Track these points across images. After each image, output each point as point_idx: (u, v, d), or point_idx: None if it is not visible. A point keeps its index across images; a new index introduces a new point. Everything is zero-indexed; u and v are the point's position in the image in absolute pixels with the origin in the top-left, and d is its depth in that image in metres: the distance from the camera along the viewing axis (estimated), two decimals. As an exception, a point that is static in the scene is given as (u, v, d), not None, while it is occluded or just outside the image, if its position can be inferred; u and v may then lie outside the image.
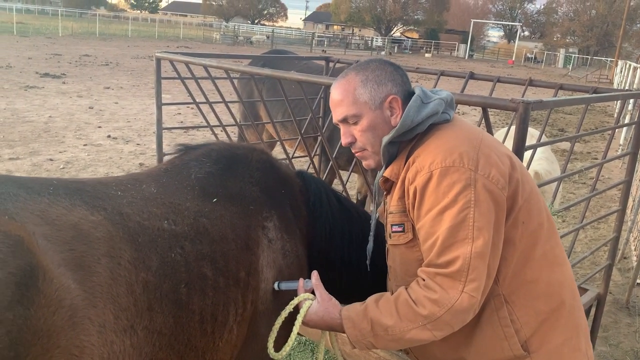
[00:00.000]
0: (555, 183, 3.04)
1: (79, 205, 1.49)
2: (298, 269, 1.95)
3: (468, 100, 2.16)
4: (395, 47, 59.21)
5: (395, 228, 1.74)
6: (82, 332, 1.32)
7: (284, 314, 1.83)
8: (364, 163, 1.84)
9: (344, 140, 1.80)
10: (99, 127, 9.86)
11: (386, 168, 1.77)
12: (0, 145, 7.95)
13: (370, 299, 1.71)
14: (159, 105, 3.61)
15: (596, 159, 10.63)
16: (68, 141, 8.63)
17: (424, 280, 1.60)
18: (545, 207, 1.76)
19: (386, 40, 58.15)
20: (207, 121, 3.87)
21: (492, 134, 2.23)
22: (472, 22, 61.93)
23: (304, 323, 1.79)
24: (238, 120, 5.53)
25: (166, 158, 2.01)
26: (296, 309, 1.82)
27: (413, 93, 1.75)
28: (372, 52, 51.94)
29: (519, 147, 1.99)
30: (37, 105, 11.22)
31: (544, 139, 4.54)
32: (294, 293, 1.84)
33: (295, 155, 4.67)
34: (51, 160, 7.52)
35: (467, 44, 60.61)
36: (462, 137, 1.65)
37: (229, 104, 3.62)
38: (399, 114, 1.72)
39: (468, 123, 1.79)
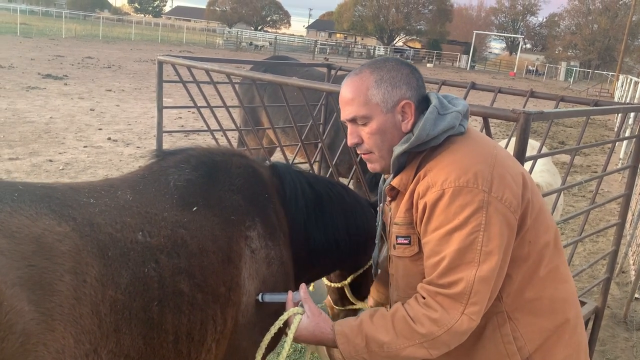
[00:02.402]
0: (555, 195, 3.03)
1: (45, 214, 1.37)
2: (283, 276, 1.88)
3: (469, 110, 2.15)
4: (398, 57, 59.28)
5: (400, 240, 1.69)
6: (36, 359, 1.21)
7: (274, 329, 1.77)
8: (369, 166, 1.77)
9: (350, 140, 1.72)
10: (100, 129, 9.86)
11: (394, 176, 1.71)
12: (0, 145, 7.94)
13: (365, 314, 1.66)
14: (160, 108, 3.61)
15: (596, 172, 10.62)
16: (68, 142, 8.62)
17: (423, 298, 1.56)
18: (553, 223, 1.72)
19: (388, 50, 58.29)
20: (207, 125, 3.86)
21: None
22: (474, 34, 62.15)
23: (294, 339, 1.72)
24: (239, 125, 5.56)
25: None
26: (285, 324, 1.77)
27: (427, 98, 1.69)
28: (374, 61, 51.93)
29: (519, 159, 1.98)
30: (38, 106, 11.22)
31: (544, 151, 4.54)
32: (278, 304, 1.79)
33: (296, 161, 4.66)
34: (51, 161, 7.51)
35: (469, 55, 60.80)
36: (477, 154, 1.59)
37: (230, 108, 3.62)
38: (410, 119, 1.65)
39: (482, 135, 1.73)
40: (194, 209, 1.72)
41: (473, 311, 1.51)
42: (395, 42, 71.13)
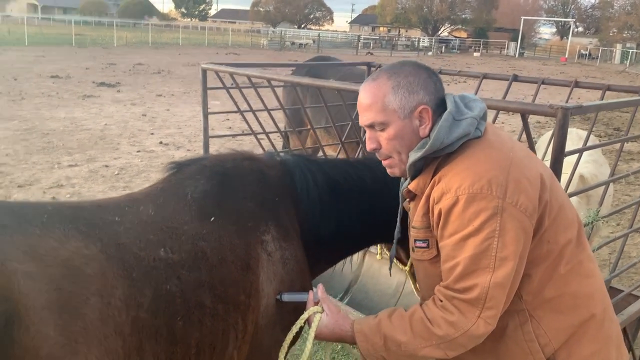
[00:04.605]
0: (603, 186, 2.97)
1: (74, 237, 1.41)
2: (299, 273, 1.92)
3: (506, 107, 2.15)
4: (443, 47, 58.40)
5: (419, 243, 1.72)
6: None
7: (295, 328, 1.83)
8: (389, 170, 1.79)
9: (369, 145, 1.74)
10: (152, 133, 10.21)
11: (412, 180, 1.73)
12: (60, 153, 8.36)
13: (383, 314, 1.71)
14: (205, 114, 3.75)
15: (654, 159, 10.17)
16: (122, 148, 8.99)
17: (441, 300, 1.60)
18: (578, 219, 1.72)
19: (433, 41, 57.48)
20: (251, 129, 3.98)
21: (531, 140, 2.21)
22: (522, 20, 60.33)
23: (315, 337, 1.78)
24: (285, 126, 5.66)
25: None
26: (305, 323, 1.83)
27: (446, 101, 1.68)
28: (419, 53, 51.40)
29: (558, 154, 1.97)
30: (93, 114, 11.72)
31: (594, 140, 4.42)
32: (296, 302, 1.85)
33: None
34: (107, 166, 7.86)
35: (517, 42, 59.10)
36: (492, 160, 1.59)
37: (274, 111, 3.71)
38: (428, 124, 1.66)
39: (500, 137, 1.72)
40: (212, 219, 1.76)
41: (489, 315, 1.55)
42: (440, 32, 69.91)
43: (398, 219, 1.96)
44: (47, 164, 7.72)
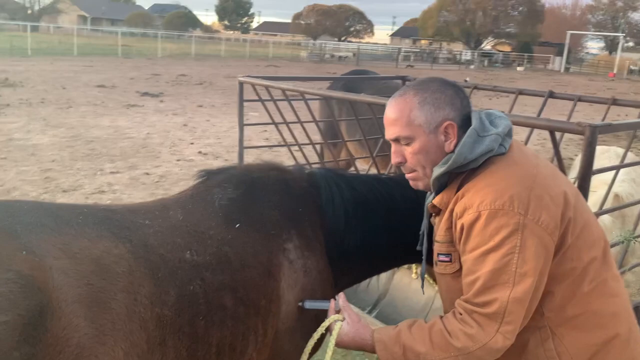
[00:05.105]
0: (639, 206, 2.90)
1: (105, 237, 1.52)
2: (320, 282, 1.97)
3: (534, 124, 2.14)
4: (486, 61, 57.70)
5: (442, 257, 1.74)
6: None
7: (316, 335, 1.87)
8: (412, 183, 1.83)
9: (394, 159, 1.77)
10: (192, 143, 10.46)
11: (436, 195, 1.76)
12: (103, 160, 8.66)
13: (404, 324, 1.73)
14: (241, 126, 3.85)
15: None
16: (163, 156, 9.23)
17: (460, 314, 1.62)
18: (604, 238, 1.70)
19: (475, 54, 56.84)
20: (284, 140, 4.06)
21: (559, 157, 2.20)
22: (568, 34, 59.09)
23: (336, 344, 1.81)
24: (320, 139, 5.75)
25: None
26: (326, 330, 1.86)
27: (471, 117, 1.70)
28: (460, 67, 50.96)
29: (586, 172, 1.96)
30: (137, 123, 12.09)
31: (632, 158, 4.31)
32: (318, 309, 1.89)
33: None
34: (147, 174, 8.09)
35: (562, 56, 57.86)
36: (515, 177, 1.61)
37: (309, 123, 3.78)
38: (453, 140, 1.69)
39: (524, 154, 1.73)
40: (237, 226, 1.84)
41: (507, 330, 1.56)
42: (482, 46, 69.13)
43: (424, 235, 1.97)
44: (91, 170, 8.01)
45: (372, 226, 2.12)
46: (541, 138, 11.00)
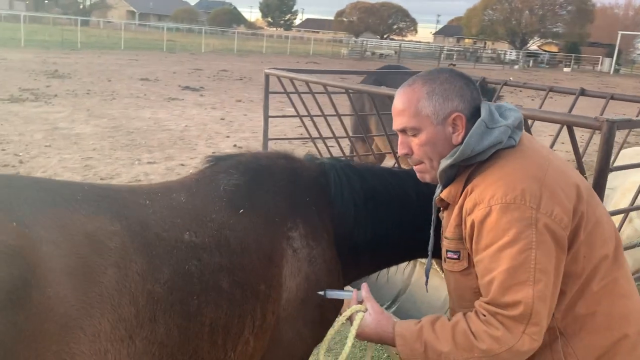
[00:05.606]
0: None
1: (102, 214, 1.53)
2: (326, 273, 1.95)
3: (551, 118, 2.10)
4: (531, 61, 56.35)
5: (450, 254, 1.71)
6: (73, 340, 1.36)
7: (337, 325, 1.85)
8: (419, 176, 1.80)
9: (400, 150, 1.75)
10: (227, 136, 10.61)
11: (444, 188, 1.72)
12: (141, 150, 8.89)
13: (426, 321, 1.67)
14: (266, 117, 3.90)
15: None
16: (199, 149, 9.41)
17: (484, 315, 1.56)
18: (616, 236, 1.65)
19: (520, 54, 55.55)
20: (309, 133, 4.09)
21: (578, 153, 2.15)
22: (619, 34, 57.04)
23: (356, 335, 1.77)
24: (349, 133, 5.76)
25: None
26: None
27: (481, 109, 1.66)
28: (504, 66, 49.91)
29: (603, 169, 1.91)
30: (176, 115, 12.35)
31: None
32: (320, 298, 1.87)
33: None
34: (183, 165, 8.26)
35: (612, 57, 55.90)
36: (526, 170, 1.56)
37: (339, 117, 3.78)
38: (461, 132, 1.65)
39: (535, 147, 1.68)
40: (241, 211, 1.83)
41: (534, 331, 1.50)
42: (528, 45, 67.48)
43: (432, 230, 1.94)
44: (129, 160, 8.24)
45: (383, 219, 2.10)
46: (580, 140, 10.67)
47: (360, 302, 1.82)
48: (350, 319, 1.81)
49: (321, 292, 1.88)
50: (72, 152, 8.34)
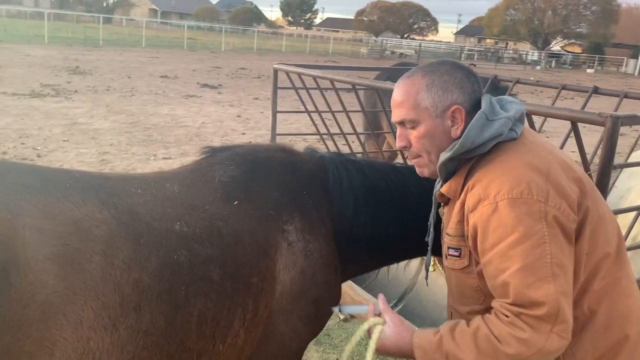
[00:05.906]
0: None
1: (90, 202, 1.51)
2: (322, 268, 1.91)
3: (554, 114, 2.06)
4: (553, 62, 55.56)
5: (451, 252, 1.66)
6: (54, 326, 1.36)
7: (355, 339, 1.77)
8: (418, 170, 1.76)
9: (399, 143, 1.71)
10: (243, 133, 10.66)
11: (444, 182, 1.69)
12: (157, 146, 8.98)
13: (445, 329, 1.58)
14: (274, 112, 3.91)
15: None
16: (215, 145, 9.46)
17: (507, 316, 1.46)
18: (619, 235, 1.61)
19: (543, 55, 54.83)
20: (317, 130, 4.08)
21: (582, 150, 2.11)
22: (645, 35, 55.97)
23: (376, 350, 1.69)
24: (360, 130, 5.75)
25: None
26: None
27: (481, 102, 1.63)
28: (526, 67, 49.32)
29: (606, 166, 1.87)
30: (193, 112, 12.44)
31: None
32: (318, 293, 1.84)
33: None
34: (197, 161, 8.32)
35: (638, 59, 54.87)
36: (530, 163, 1.52)
37: (354, 113, 3.75)
38: (460, 125, 1.61)
39: (537, 140, 1.65)
40: (235, 203, 1.80)
41: (562, 329, 1.43)
42: (551, 46, 66.55)
43: (431, 226, 1.91)
44: (145, 155, 8.32)
45: (383, 214, 2.07)
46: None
47: (378, 315, 1.75)
48: (368, 332, 1.74)
49: (335, 308, 1.85)
50: (89, 146, 8.46)
